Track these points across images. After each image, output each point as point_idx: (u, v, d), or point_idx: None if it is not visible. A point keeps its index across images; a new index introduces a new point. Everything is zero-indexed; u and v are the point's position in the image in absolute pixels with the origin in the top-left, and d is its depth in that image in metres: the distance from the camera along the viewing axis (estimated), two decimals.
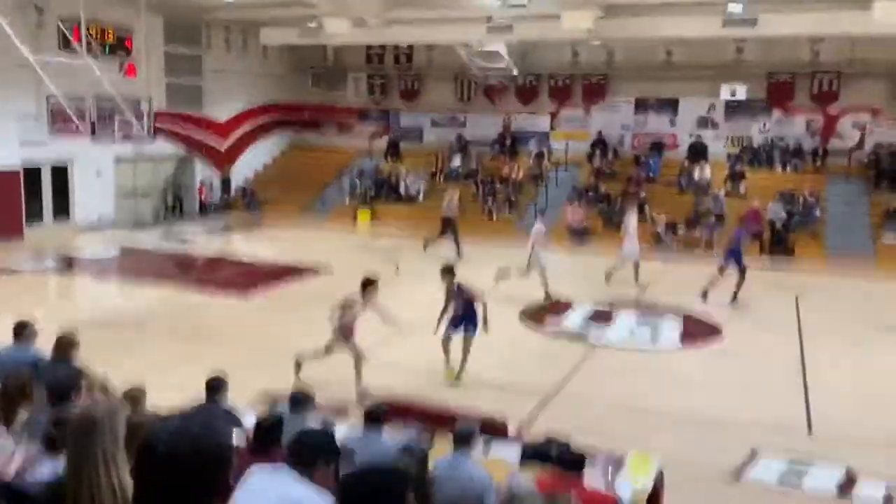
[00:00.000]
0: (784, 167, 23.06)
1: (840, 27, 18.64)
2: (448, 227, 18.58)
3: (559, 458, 4.80)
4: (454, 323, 9.25)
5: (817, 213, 20.54)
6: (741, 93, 23.00)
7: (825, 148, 22.87)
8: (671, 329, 12.23)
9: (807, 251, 19.19)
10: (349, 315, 8.72)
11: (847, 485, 6.74)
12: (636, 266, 15.29)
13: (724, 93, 23.22)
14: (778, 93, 23.14)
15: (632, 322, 12.65)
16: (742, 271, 13.82)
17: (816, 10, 18.35)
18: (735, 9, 18.73)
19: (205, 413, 4.02)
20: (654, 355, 10.98)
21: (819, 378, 9.79)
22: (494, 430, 6.05)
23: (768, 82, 23.15)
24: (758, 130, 23.76)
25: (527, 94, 25.96)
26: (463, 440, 4.88)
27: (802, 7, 18.53)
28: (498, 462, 5.35)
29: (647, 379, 9.78)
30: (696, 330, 12.28)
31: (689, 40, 21.68)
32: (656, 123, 24.88)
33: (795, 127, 23.39)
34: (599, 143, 24.90)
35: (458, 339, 9.17)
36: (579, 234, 21.39)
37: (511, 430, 6.84)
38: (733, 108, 23.76)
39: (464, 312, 9.19)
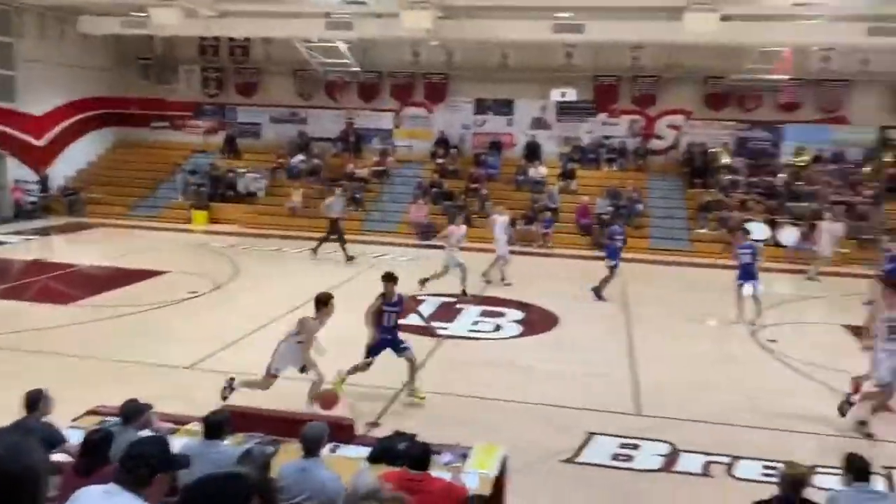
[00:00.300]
0: (610, 165, 24.64)
1: (656, 35, 20.21)
2: (334, 228, 18.08)
3: (406, 454, 4.84)
4: (379, 346, 8.65)
5: (640, 207, 22.11)
6: (571, 95, 24.36)
7: (646, 147, 24.68)
8: (513, 320, 12.72)
9: (632, 243, 20.56)
10: (305, 336, 8.00)
11: (671, 459, 7.32)
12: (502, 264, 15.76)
13: (555, 95, 24.47)
14: (603, 96, 24.65)
15: (476, 315, 13.01)
16: (611, 269, 14.42)
17: (636, 19, 19.77)
18: (563, 15, 19.79)
19: (15, 432, 3.67)
20: (497, 345, 11.35)
21: (646, 363, 10.54)
22: (342, 431, 6.00)
23: (595, 86, 24.61)
24: (586, 131, 25.18)
25: (369, 92, 25.93)
26: (310, 444, 4.81)
27: (624, 16, 19.88)
28: (345, 462, 5.32)
29: (491, 369, 10.11)
30: (536, 320, 12.85)
31: (522, 44, 22.59)
32: (495, 123, 25.70)
33: (619, 128, 25.02)
34: (442, 142, 25.37)
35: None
36: (424, 231, 21.69)
37: (358, 429, 6.82)
38: (564, 110, 25.03)
39: (391, 330, 8.70)
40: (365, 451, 5.70)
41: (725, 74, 22.88)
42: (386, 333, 8.70)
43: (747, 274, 12.61)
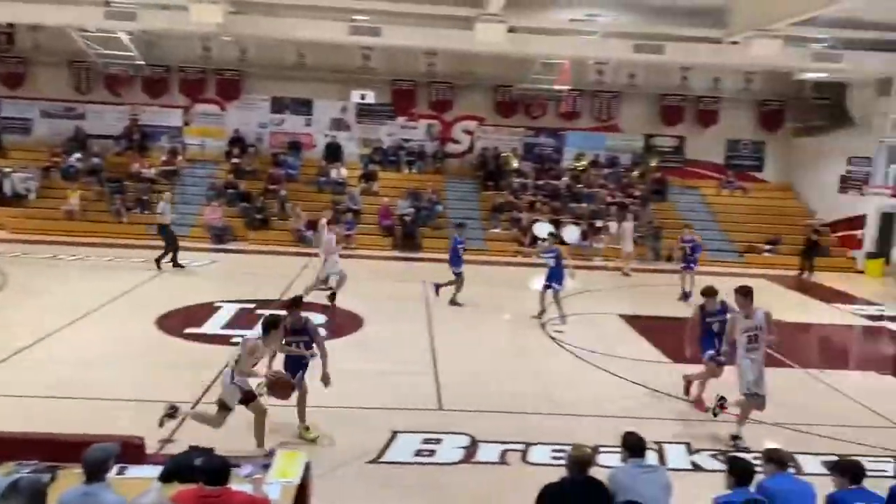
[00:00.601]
0: (410, 168, 25.16)
1: (449, 43, 20.92)
2: (168, 234, 16.59)
3: (203, 469, 4.60)
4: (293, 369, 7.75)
5: (440, 208, 22.81)
6: (370, 97, 24.57)
7: (443, 151, 25.50)
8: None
9: (432, 243, 21.15)
10: (253, 360, 7.23)
11: (471, 450, 7.61)
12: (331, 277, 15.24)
13: (355, 97, 24.57)
14: (402, 99, 25.12)
15: None
16: (457, 275, 14.56)
17: (430, 26, 20.32)
18: (360, 17, 19.88)
19: None
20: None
21: (447, 359, 10.87)
22: (131, 450, 5.57)
23: (393, 89, 25.00)
24: (386, 133, 25.51)
25: (156, 87, 24.38)
26: (93, 468, 4.41)
27: (419, 22, 20.35)
28: (135, 484, 4.95)
29: None
30: (340, 323, 12.78)
31: (319, 44, 22.38)
32: (293, 123, 25.26)
33: (418, 131, 25.63)
34: (237, 141, 24.47)
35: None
36: (219, 234, 20.81)
37: (150, 446, 6.37)
38: (364, 112, 25.18)
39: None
40: (157, 471, 5.34)
41: (513, 83, 24.23)
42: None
43: (552, 277, 13.33)
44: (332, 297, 13.88)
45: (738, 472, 5.02)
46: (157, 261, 16.24)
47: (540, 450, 7.64)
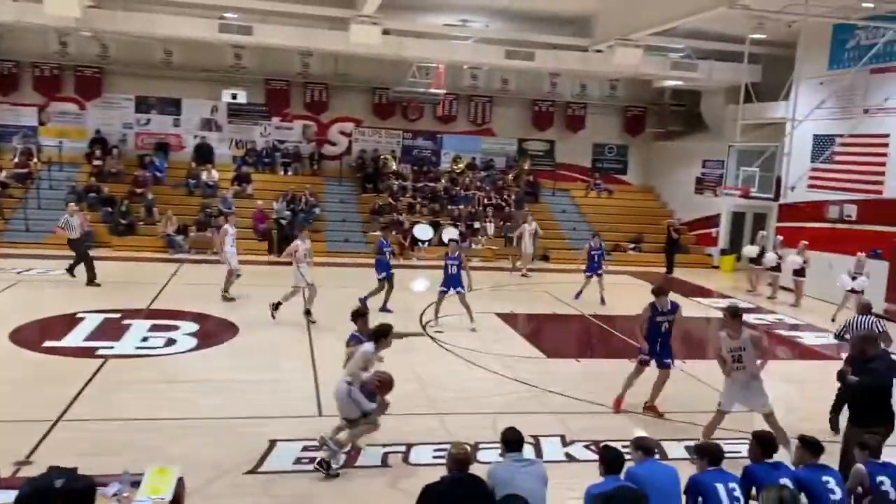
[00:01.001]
0: (286, 170, 24.68)
1: (324, 44, 20.71)
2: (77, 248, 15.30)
3: (66, 491, 4.33)
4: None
5: (318, 211, 22.50)
6: (242, 97, 23.90)
7: (320, 153, 25.18)
8: (188, 332, 12.07)
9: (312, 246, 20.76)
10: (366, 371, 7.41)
11: (352, 456, 7.56)
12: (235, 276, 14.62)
13: (226, 96, 23.82)
14: (276, 100, 24.60)
15: (145, 330, 12.10)
16: (386, 280, 14.42)
17: (304, 25, 20.06)
18: (231, 15, 19.34)
19: None
20: (170, 361, 10.67)
21: (327, 363, 10.71)
22: None
23: (266, 89, 24.43)
24: (260, 134, 24.90)
25: (6, 83, 22.67)
26: None
27: (292, 22, 20.05)
28: None
29: (164, 386, 9.47)
30: (214, 331, 12.37)
31: (188, 42, 21.54)
32: (160, 123, 24.17)
33: (294, 132, 25.19)
34: (99, 142, 23.15)
35: None
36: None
37: (4, 472, 5.93)
38: (236, 112, 24.46)
39: None
40: (11, 496, 4.97)
41: (390, 86, 24.29)
42: None
43: (452, 281, 13.37)
44: (277, 306, 13.32)
45: (609, 460, 5.28)
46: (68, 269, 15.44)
47: (421, 450, 7.72)
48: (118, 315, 12.83)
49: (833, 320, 14.94)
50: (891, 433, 6.90)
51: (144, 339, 11.61)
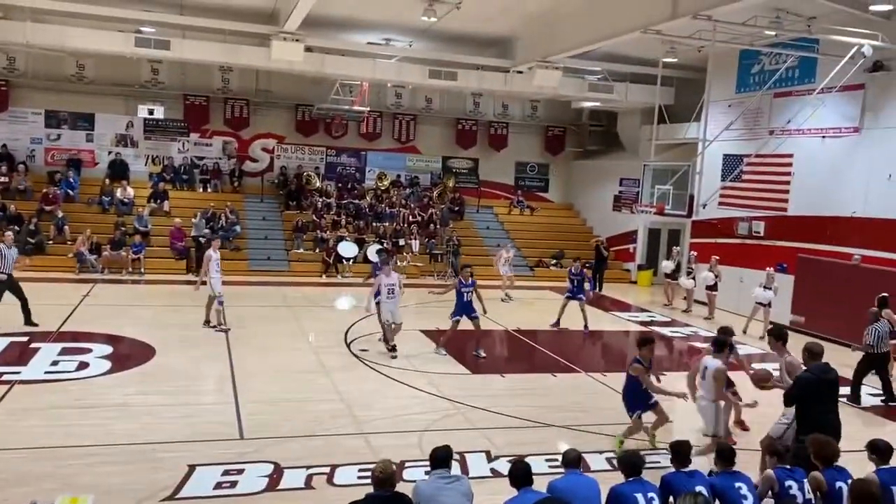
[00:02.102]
0: (205, 187, 24.12)
1: (244, 59, 20.42)
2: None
3: None
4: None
5: (238, 229, 22.05)
6: (159, 112, 23.28)
7: (241, 169, 24.73)
8: (100, 355, 11.60)
9: (231, 265, 20.37)
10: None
11: (275, 478, 7.41)
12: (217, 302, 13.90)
13: (142, 111, 23.15)
14: (194, 115, 24.07)
15: (55, 353, 11.56)
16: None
17: (223, 41, 19.74)
18: (147, 30, 18.89)
19: None
20: (83, 385, 10.22)
21: (248, 384, 10.52)
22: None
23: (185, 104, 23.88)
24: (178, 150, 24.29)
25: None
26: None
27: (211, 37, 19.70)
28: None
29: (76, 412, 9.06)
30: (129, 353, 11.93)
31: (102, 55, 20.86)
32: (72, 138, 23.29)
33: (213, 149, 24.67)
34: (5, 157, 22.10)
35: None
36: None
37: None
38: (153, 128, 23.81)
39: None
40: None
41: (313, 103, 24.12)
42: None
43: (465, 308, 12.84)
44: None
45: (516, 476, 5.35)
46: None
47: (346, 471, 7.62)
48: (25, 338, 12.23)
49: (745, 332, 15.59)
50: None
51: (54, 364, 11.09)
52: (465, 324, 12.89)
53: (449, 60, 21.56)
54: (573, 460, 5.78)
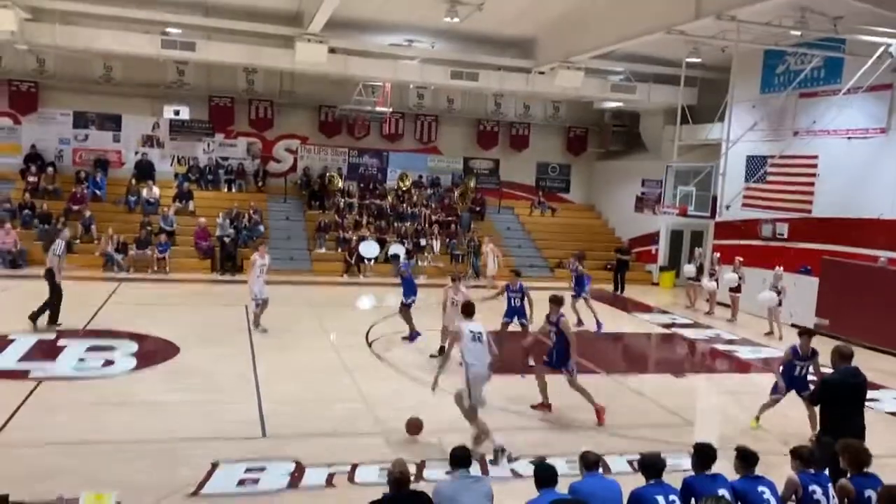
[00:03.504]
0: (230, 187, 24.36)
1: (268, 61, 20.60)
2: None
3: None
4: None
5: (262, 229, 22.24)
6: (185, 113, 23.57)
7: (265, 169, 24.94)
8: (126, 353, 11.78)
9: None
10: None
11: (296, 476, 7.49)
12: (265, 304, 14.06)
13: (168, 112, 23.44)
14: (219, 116, 24.32)
15: (81, 351, 11.76)
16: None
17: (248, 43, 19.93)
18: (173, 31, 19.12)
19: None
20: (108, 382, 10.39)
21: (270, 383, 10.63)
22: None
23: (210, 105, 24.13)
24: (203, 151, 24.55)
25: None
26: None
27: (236, 39, 19.89)
28: None
29: (101, 409, 9.21)
30: (154, 351, 12.10)
31: (129, 57, 21.16)
32: (99, 139, 23.63)
33: (238, 149, 24.90)
34: (35, 158, 22.49)
35: None
36: (13, 259, 18.96)
37: None
38: (178, 128, 24.08)
39: None
40: None
41: (336, 104, 24.26)
42: None
43: (516, 312, 12.86)
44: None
45: (540, 477, 5.36)
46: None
47: (367, 469, 7.68)
48: (53, 336, 12.45)
49: (781, 339, 15.35)
50: None
51: (81, 361, 11.28)
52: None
53: (471, 61, 21.59)
54: (593, 462, 5.78)
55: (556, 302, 9.88)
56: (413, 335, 13.59)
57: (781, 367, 9.61)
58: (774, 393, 9.59)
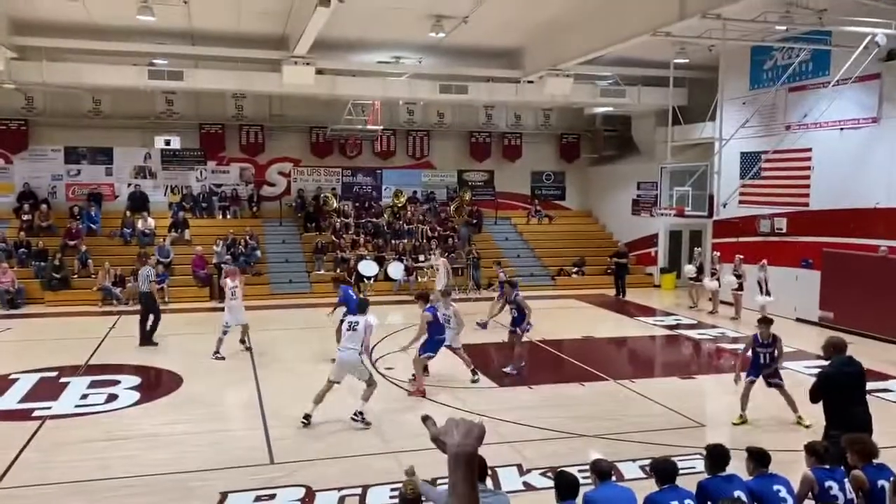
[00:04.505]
0: (224, 214, 24.32)
1: (256, 85, 20.64)
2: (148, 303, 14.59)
3: None
4: None
5: (258, 254, 22.17)
6: (176, 143, 23.59)
7: (259, 194, 24.92)
8: (129, 386, 11.68)
9: (253, 290, 20.47)
10: None
11: (307, 501, 7.39)
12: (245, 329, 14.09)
13: (159, 143, 23.47)
14: (211, 143, 24.33)
15: (84, 387, 11.65)
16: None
17: (235, 68, 19.97)
18: (160, 62, 19.15)
19: None
20: (113, 417, 10.28)
21: (276, 408, 10.53)
22: None
23: (200, 133, 24.15)
24: (196, 179, 24.53)
25: None
26: None
27: (223, 65, 19.94)
28: None
29: (107, 445, 9.11)
30: (157, 383, 12.01)
31: (117, 90, 21.19)
32: (92, 173, 23.63)
33: (231, 175, 24.89)
34: (28, 195, 22.46)
35: None
36: (11, 298, 18.88)
37: None
38: (170, 158, 24.08)
39: None
40: None
41: (327, 124, 24.29)
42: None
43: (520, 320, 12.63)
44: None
45: (562, 486, 5.27)
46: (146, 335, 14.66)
47: (378, 491, 7.59)
48: (55, 373, 12.35)
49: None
50: None
51: (84, 397, 11.17)
52: (480, 337, 12.77)
53: (459, 74, 21.63)
54: (606, 471, 5.69)
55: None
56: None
57: (748, 353, 10.09)
58: (749, 376, 9.97)
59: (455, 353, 12.20)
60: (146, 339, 14.57)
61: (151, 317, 14.68)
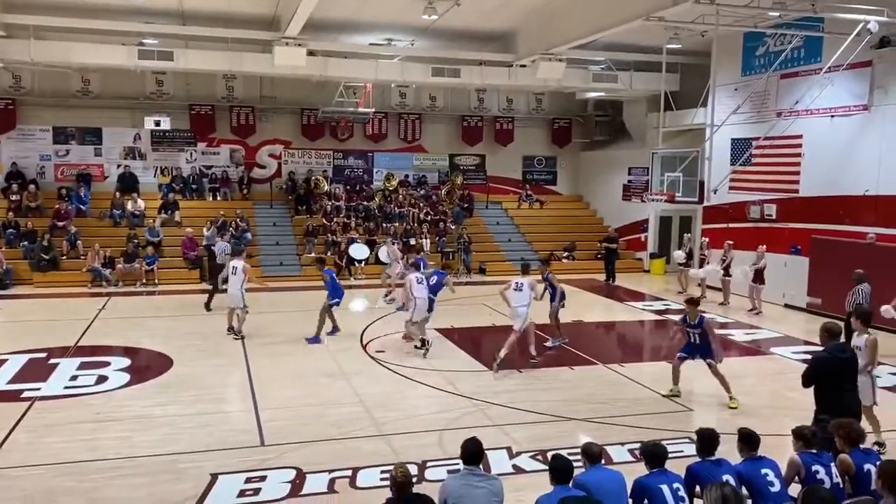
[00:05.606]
0: (214, 195, 24.19)
1: (248, 67, 20.47)
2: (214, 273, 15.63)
3: None
4: None
5: (249, 236, 22.09)
6: (165, 124, 23.38)
7: (249, 176, 24.79)
8: (119, 368, 11.65)
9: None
10: None
11: (297, 483, 7.42)
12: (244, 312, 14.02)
13: (149, 123, 23.27)
14: (201, 125, 24.15)
15: (74, 368, 11.62)
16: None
17: (226, 49, 19.79)
18: (150, 41, 18.95)
19: None
20: (102, 399, 10.27)
21: (267, 391, 10.54)
22: None
23: (191, 114, 23.96)
24: (186, 160, 24.37)
25: None
26: None
27: (213, 46, 19.75)
28: None
29: (97, 426, 9.09)
30: (147, 365, 11.98)
31: (107, 69, 20.97)
32: (81, 153, 23.42)
33: (221, 157, 24.73)
34: (16, 175, 22.25)
35: None
36: None
37: None
38: (160, 139, 23.89)
39: None
40: None
41: (318, 107, 24.14)
42: None
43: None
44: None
45: (558, 470, 5.29)
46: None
47: (368, 473, 7.61)
48: (44, 354, 12.31)
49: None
50: None
51: (73, 378, 11.15)
52: (471, 320, 12.78)
53: (451, 57, 21.52)
54: (596, 455, 5.73)
55: None
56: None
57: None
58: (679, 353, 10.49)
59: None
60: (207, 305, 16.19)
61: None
